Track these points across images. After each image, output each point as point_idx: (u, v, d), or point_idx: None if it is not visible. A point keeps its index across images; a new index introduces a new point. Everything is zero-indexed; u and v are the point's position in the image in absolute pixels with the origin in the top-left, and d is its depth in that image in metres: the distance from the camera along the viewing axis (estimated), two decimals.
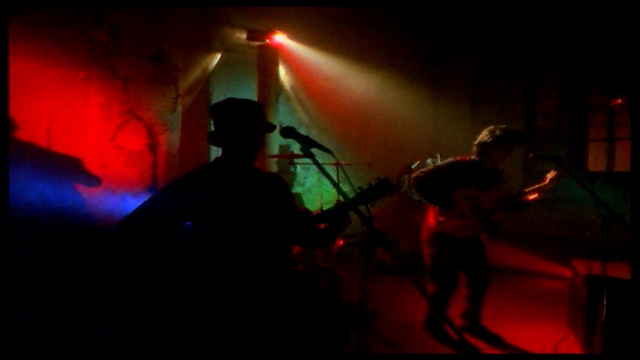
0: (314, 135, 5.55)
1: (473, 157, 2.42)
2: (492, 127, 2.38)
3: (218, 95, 4.15)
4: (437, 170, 2.35)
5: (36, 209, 2.61)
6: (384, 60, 5.87)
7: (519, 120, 6.14)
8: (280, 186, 1.66)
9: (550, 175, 2.38)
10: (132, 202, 3.07)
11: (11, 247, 2.26)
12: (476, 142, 2.41)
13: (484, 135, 2.38)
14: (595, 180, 1.95)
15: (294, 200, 1.70)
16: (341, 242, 3.25)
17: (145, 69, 3.40)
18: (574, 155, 5.15)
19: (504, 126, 2.36)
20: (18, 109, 2.79)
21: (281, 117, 4.96)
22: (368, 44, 5.57)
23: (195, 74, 3.81)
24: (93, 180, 3.10)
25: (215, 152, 4.08)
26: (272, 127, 1.55)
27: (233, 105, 1.52)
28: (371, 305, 2.83)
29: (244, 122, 1.48)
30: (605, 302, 1.83)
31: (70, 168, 2.99)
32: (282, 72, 4.63)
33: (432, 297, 2.32)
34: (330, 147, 1.57)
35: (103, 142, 3.17)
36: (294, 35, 4.18)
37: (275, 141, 4.03)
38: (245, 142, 1.46)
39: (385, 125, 5.99)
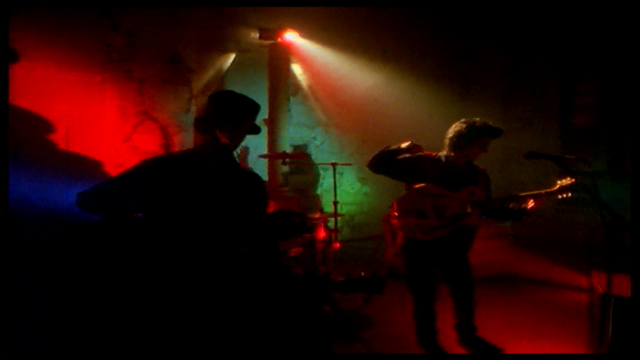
0: (333, 134, 5.52)
1: (443, 152, 2.23)
2: (467, 119, 2.18)
3: None
4: (400, 160, 2.17)
5: (54, 208, 2.75)
6: (409, 57, 5.74)
7: (554, 117, 5.82)
8: (253, 187, 1.62)
9: (563, 182, 2.15)
10: None
11: (28, 244, 2.39)
12: (449, 135, 2.20)
13: (458, 127, 2.17)
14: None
15: (261, 205, 1.64)
16: (337, 245, 3.18)
17: (159, 71, 3.53)
18: (613, 154, 4.77)
19: (479, 119, 2.17)
20: (40, 112, 2.97)
21: (297, 116, 4.98)
22: (392, 41, 5.46)
23: (209, 74, 3.91)
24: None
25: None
26: (258, 130, 1.55)
27: (234, 98, 1.52)
28: (371, 313, 2.76)
29: (240, 118, 1.47)
30: (611, 322, 1.66)
31: (88, 168, 3.14)
32: (299, 71, 4.64)
33: (413, 312, 2.16)
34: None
35: (118, 142, 3.32)
36: (310, 34, 4.20)
37: (286, 141, 4.03)
38: (234, 136, 1.45)
39: (411, 124, 5.83)
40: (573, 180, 2.12)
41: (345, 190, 5.59)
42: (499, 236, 3.69)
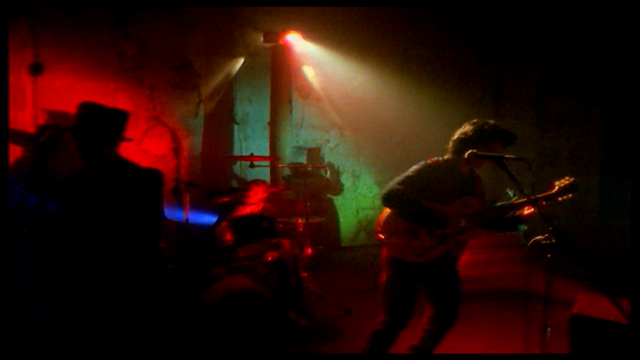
0: (349, 136, 5.56)
1: (447, 156, 2.04)
2: (476, 120, 2.01)
3: (241, 99, 4.44)
4: (412, 179, 1.96)
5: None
6: (433, 58, 5.63)
7: (595, 116, 5.40)
8: (144, 185, 1.71)
9: (561, 182, 1.98)
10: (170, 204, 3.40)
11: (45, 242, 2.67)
12: (454, 138, 2.02)
13: (465, 129, 2.00)
14: None
15: (151, 204, 1.70)
16: (309, 251, 3.21)
17: (169, 77, 3.81)
18: None
19: (492, 122, 2.00)
20: (60, 118, 3.32)
21: (310, 118, 5.08)
22: (414, 41, 5.41)
23: (218, 79, 4.14)
24: None
25: (238, 152, 4.35)
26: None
27: (106, 113, 1.71)
28: (349, 325, 2.72)
29: (116, 130, 1.71)
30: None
31: None
32: (311, 73, 4.75)
33: (375, 330, 1.97)
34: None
35: (130, 147, 3.60)
36: (315, 36, 4.29)
37: (287, 144, 4.14)
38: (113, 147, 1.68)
39: (433, 126, 5.73)
40: (572, 180, 1.97)
41: (362, 193, 5.59)
42: (511, 245, 3.48)
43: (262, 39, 4.10)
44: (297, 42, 4.09)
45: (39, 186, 1.54)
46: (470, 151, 1.82)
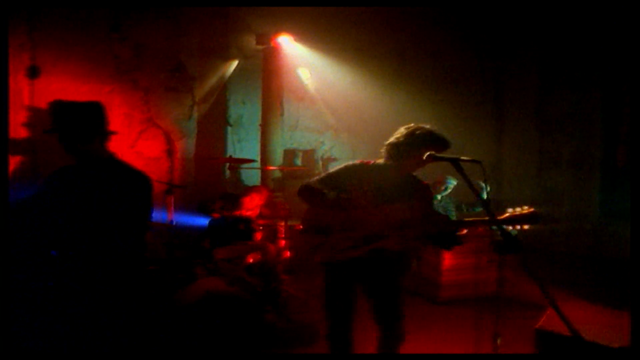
0: (344, 139, 5.64)
1: (381, 160, 1.97)
2: (413, 125, 1.94)
3: (235, 101, 4.54)
4: (330, 176, 1.96)
5: None
6: (430, 57, 5.69)
7: (596, 116, 5.42)
8: (133, 185, 1.69)
9: (516, 210, 1.83)
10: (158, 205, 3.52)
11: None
12: (387, 142, 1.94)
13: (398, 134, 1.92)
14: None
15: (139, 205, 1.69)
16: (287, 254, 3.27)
17: (164, 80, 3.93)
18: None
19: (427, 127, 1.92)
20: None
21: (305, 120, 5.17)
22: (410, 42, 5.49)
23: (212, 81, 4.25)
24: None
25: (231, 154, 4.44)
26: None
27: (80, 110, 1.66)
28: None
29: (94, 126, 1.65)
30: None
31: None
32: (306, 75, 4.83)
33: (326, 337, 1.97)
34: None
35: (124, 148, 3.74)
36: (306, 37, 4.39)
37: (278, 145, 4.23)
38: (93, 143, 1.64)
39: (437, 125, 5.78)
40: (531, 210, 1.82)
41: None
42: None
43: (255, 41, 4.20)
44: (289, 44, 4.18)
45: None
46: (428, 153, 1.77)
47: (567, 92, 5.68)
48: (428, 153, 1.79)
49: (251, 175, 4.25)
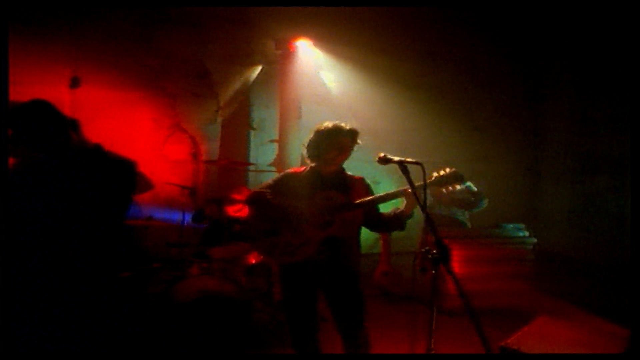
0: (370, 142, 5.65)
1: (307, 167, 2.09)
2: (319, 125, 2.08)
3: (258, 106, 4.76)
4: (271, 185, 2.06)
5: None
6: (461, 56, 5.63)
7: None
8: (107, 175, 1.67)
9: (440, 172, 1.97)
10: (175, 206, 3.79)
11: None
12: (304, 145, 2.09)
13: (310, 136, 2.07)
14: None
15: (111, 196, 1.66)
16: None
17: (190, 86, 4.23)
18: None
19: (329, 123, 2.06)
20: (91, 128, 3.82)
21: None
22: (440, 40, 5.44)
23: (235, 86, 4.50)
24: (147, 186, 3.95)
25: (254, 157, 4.66)
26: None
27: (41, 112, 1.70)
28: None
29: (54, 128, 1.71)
30: None
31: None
32: (329, 78, 4.94)
33: (292, 346, 2.01)
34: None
35: (152, 152, 4.04)
36: (326, 41, 4.48)
37: (296, 149, 4.35)
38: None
39: (463, 130, 5.69)
40: (453, 169, 1.97)
41: None
42: (517, 260, 3.35)
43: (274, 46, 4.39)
44: (307, 48, 4.33)
45: None
46: (382, 155, 1.83)
47: (611, 92, 5.33)
48: (380, 155, 1.83)
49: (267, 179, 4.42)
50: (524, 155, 5.98)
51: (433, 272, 1.65)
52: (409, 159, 1.78)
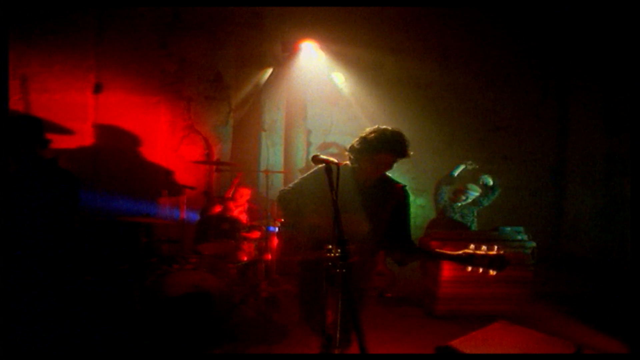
0: None
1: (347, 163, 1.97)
2: (374, 127, 1.92)
3: (270, 107, 5.06)
4: (301, 184, 1.95)
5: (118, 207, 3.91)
6: (477, 53, 5.73)
7: None
8: (58, 185, 2.07)
9: (489, 251, 1.75)
10: (190, 203, 4.13)
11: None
12: (348, 146, 1.96)
13: (359, 137, 1.92)
14: None
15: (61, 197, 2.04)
16: (269, 257, 3.47)
17: (204, 90, 4.58)
18: None
19: (382, 129, 1.88)
20: (114, 130, 4.23)
21: (339, 124, 5.50)
22: (455, 37, 5.60)
23: (247, 89, 4.83)
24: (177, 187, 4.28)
25: (265, 159, 4.95)
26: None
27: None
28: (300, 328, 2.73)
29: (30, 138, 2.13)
30: None
31: (144, 173, 4.28)
32: (341, 79, 5.18)
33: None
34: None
35: (169, 152, 4.42)
36: (331, 41, 4.70)
37: (300, 149, 4.58)
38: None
39: (481, 130, 5.76)
40: (500, 253, 1.75)
41: None
42: (516, 265, 3.34)
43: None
44: (312, 49, 4.57)
45: None
46: (314, 155, 1.73)
47: (638, 91, 5.24)
48: (313, 155, 1.76)
49: (272, 180, 4.68)
50: (548, 156, 5.97)
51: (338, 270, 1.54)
52: (332, 159, 1.66)
